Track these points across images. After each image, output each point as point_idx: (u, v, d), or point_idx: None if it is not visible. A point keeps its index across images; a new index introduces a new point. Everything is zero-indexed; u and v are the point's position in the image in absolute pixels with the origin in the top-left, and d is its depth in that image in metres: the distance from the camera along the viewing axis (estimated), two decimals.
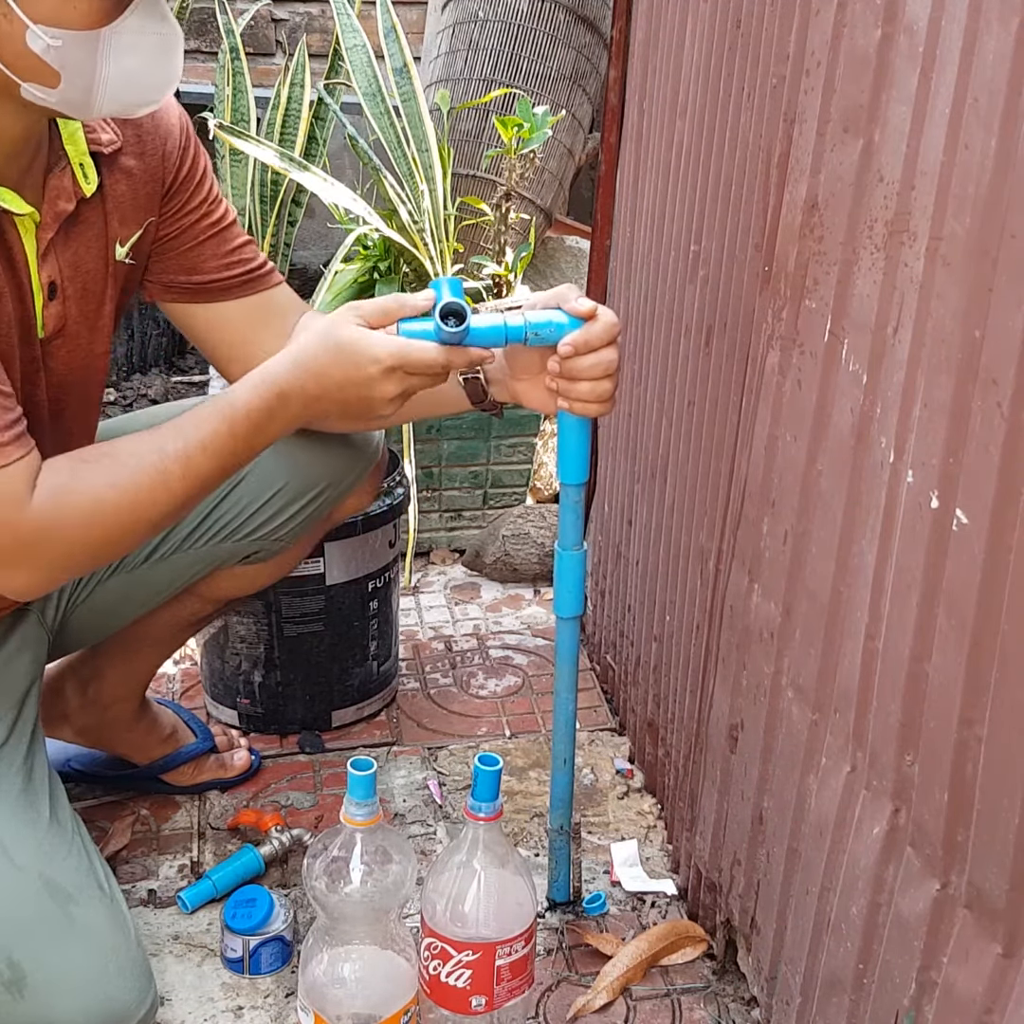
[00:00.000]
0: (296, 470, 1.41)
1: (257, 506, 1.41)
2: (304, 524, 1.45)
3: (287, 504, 1.42)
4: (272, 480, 1.40)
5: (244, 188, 2.66)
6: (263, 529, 1.43)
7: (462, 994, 1.25)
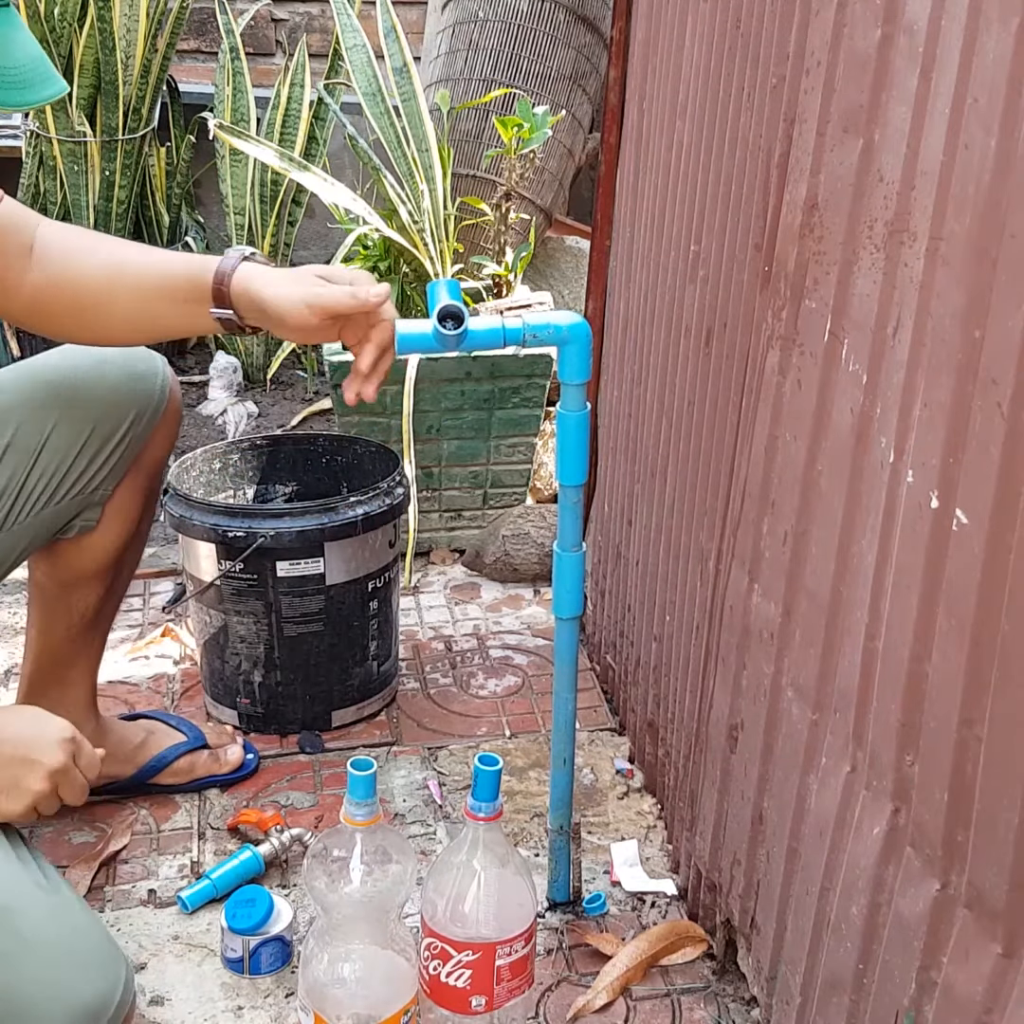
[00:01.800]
0: (98, 414, 1.40)
1: (71, 461, 1.40)
2: (119, 467, 1.44)
3: (99, 450, 1.41)
4: (78, 432, 1.39)
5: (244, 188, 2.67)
6: (81, 482, 1.42)
7: (462, 994, 1.25)
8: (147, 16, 2.70)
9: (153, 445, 1.49)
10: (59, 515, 1.44)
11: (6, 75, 1.09)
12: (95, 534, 1.48)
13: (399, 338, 1.24)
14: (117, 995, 1.13)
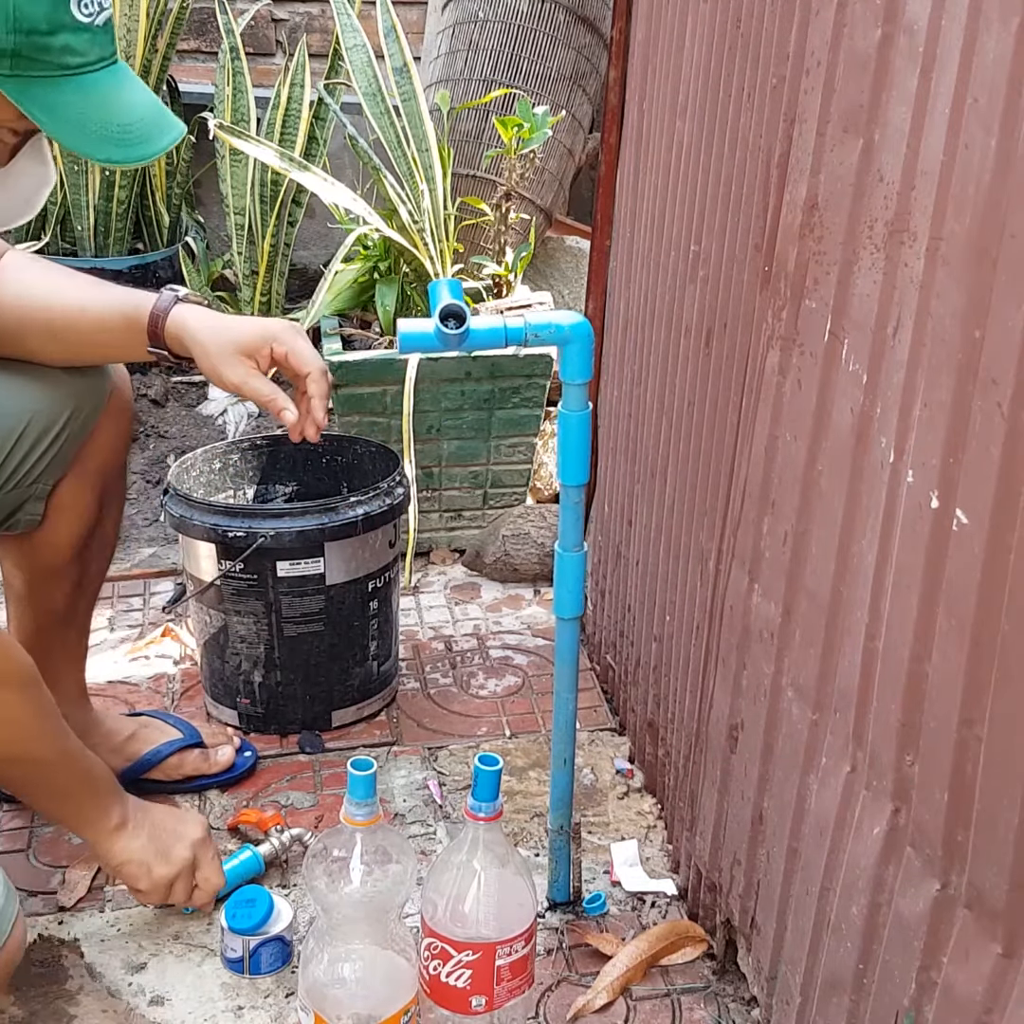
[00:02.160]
0: (36, 406, 1.40)
1: (6, 453, 1.40)
2: (57, 462, 1.43)
3: (36, 442, 1.41)
4: (15, 424, 1.39)
5: (244, 188, 2.67)
6: (17, 475, 1.41)
7: (462, 994, 1.25)
8: (147, 16, 2.70)
9: (99, 442, 1.48)
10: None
11: (127, 133, 1.10)
12: (45, 530, 1.48)
13: (401, 337, 1.24)
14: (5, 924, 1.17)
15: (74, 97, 1.06)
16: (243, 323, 1.41)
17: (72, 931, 1.45)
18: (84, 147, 1.08)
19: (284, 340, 1.39)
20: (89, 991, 1.36)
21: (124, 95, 1.11)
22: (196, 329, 1.38)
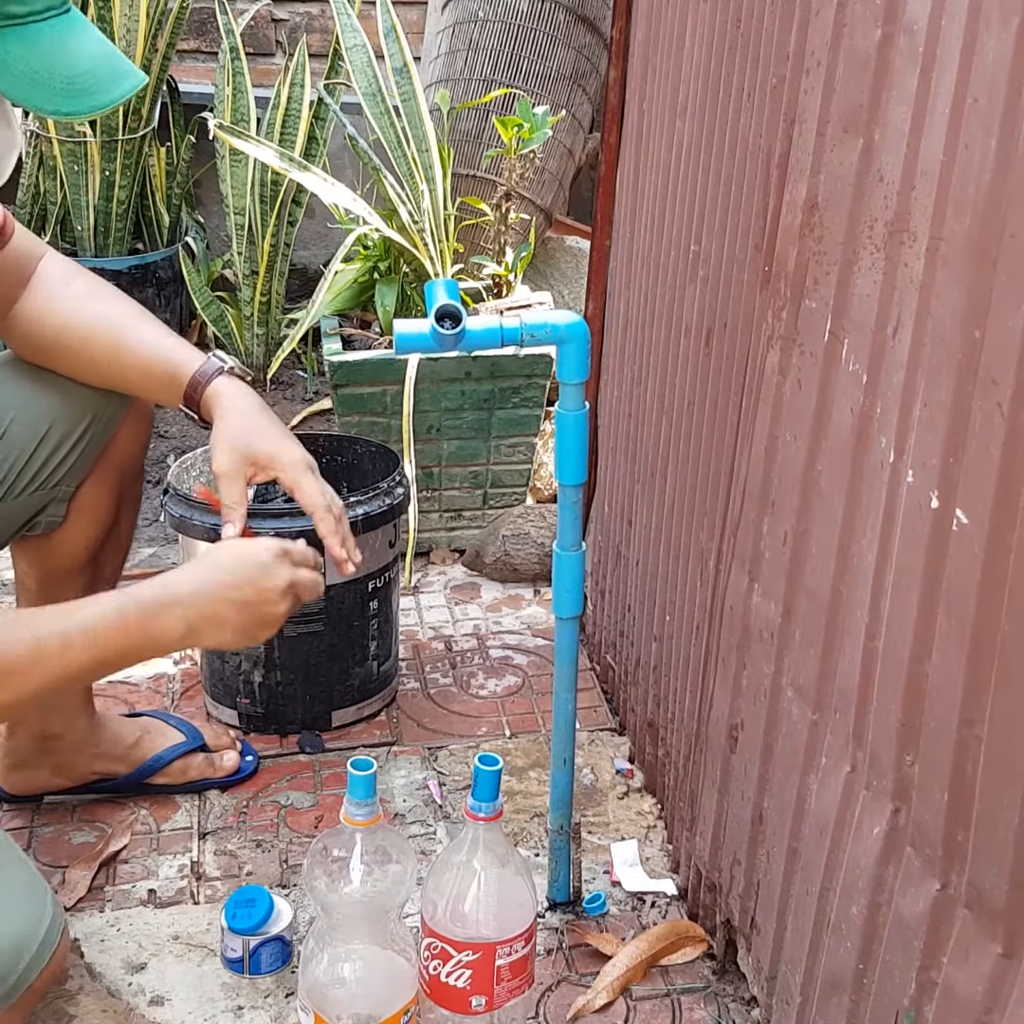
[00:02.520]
0: (59, 410, 1.41)
1: (29, 454, 1.40)
2: (80, 464, 1.44)
3: (58, 445, 1.41)
4: (38, 426, 1.40)
5: (244, 188, 2.66)
6: (40, 477, 1.41)
7: (462, 994, 1.25)
8: (147, 16, 2.70)
9: (120, 444, 1.49)
10: (19, 510, 1.43)
11: (76, 84, 1.06)
12: (64, 532, 1.48)
13: (397, 338, 1.24)
14: (40, 932, 1.13)
15: (19, 48, 1.03)
16: (266, 436, 1.37)
17: (72, 931, 1.45)
18: (32, 100, 1.05)
19: (291, 474, 1.36)
20: (89, 991, 1.36)
21: (73, 44, 1.07)
22: (228, 412, 1.38)
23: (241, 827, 1.62)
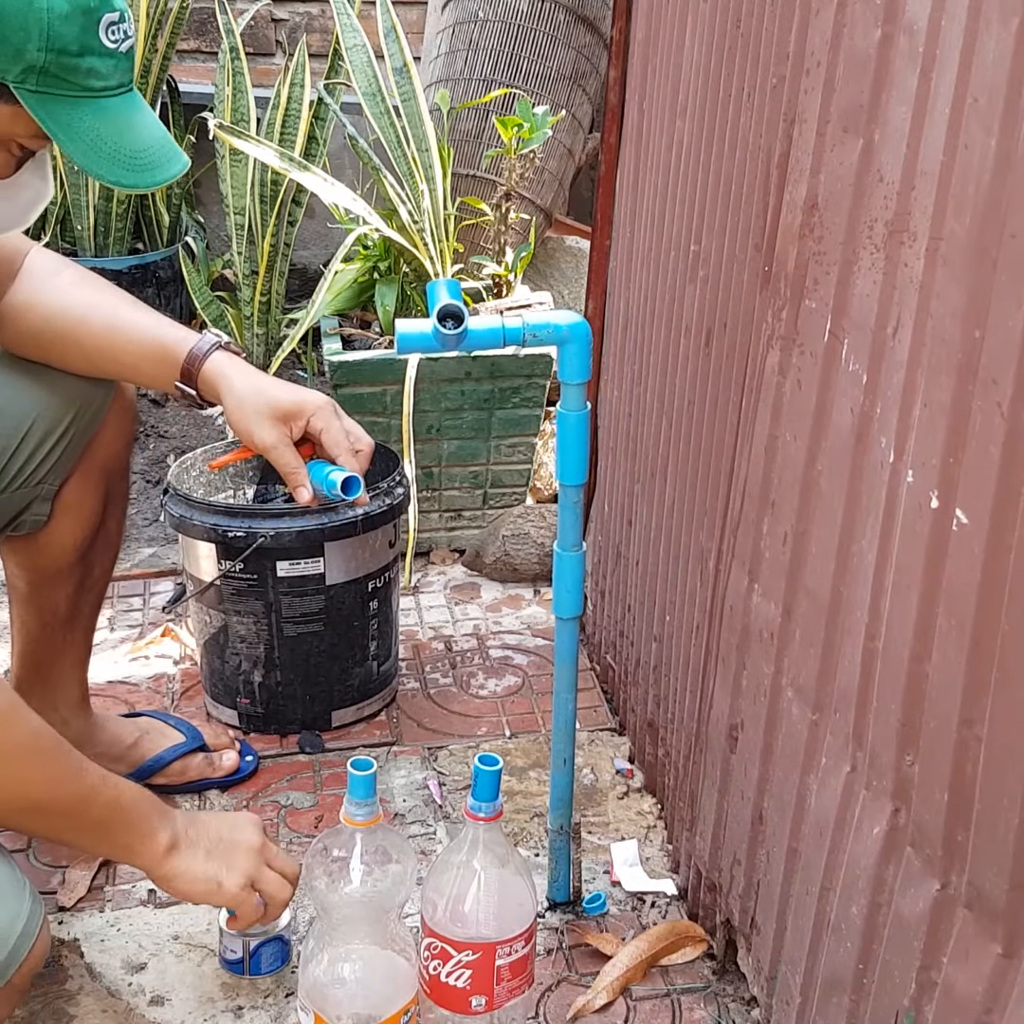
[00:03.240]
0: (41, 406, 1.41)
1: (11, 452, 1.40)
2: (63, 461, 1.44)
3: (41, 442, 1.41)
4: (19, 423, 1.40)
5: (244, 188, 2.66)
6: (23, 474, 1.41)
7: (462, 994, 1.25)
8: (147, 16, 2.70)
9: (103, 441, 1.49)
10: (2, 508, 1.43)
11: (137, 159, 1.12)
12: (50, 531, 1.48)
13: (399, 338, 1.24)
14: (18, 927, 1.12)
15: (92, 119, 1.09)
16: (281, 388, 1.42)
17: (72, 931, 1.45)
18: (96, 168, 1.10)
19: (322, 417, 1.42)
20: (89, 991, 1.37)
21: (137, 122, 1.14)
22: (234, 381, 1.40)
23: None
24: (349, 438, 1.45)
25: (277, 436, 1.40)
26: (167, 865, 1.24)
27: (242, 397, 1.39)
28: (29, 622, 1.55)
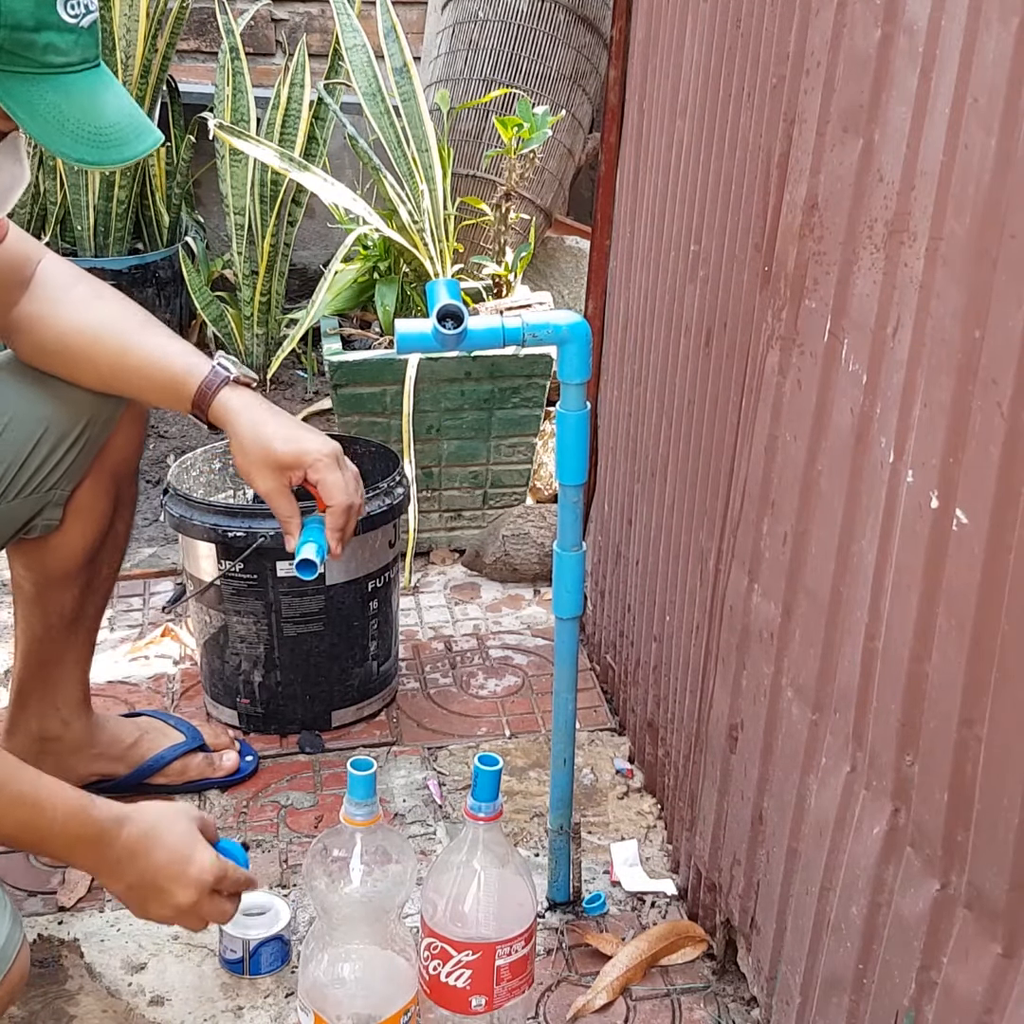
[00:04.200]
0: (54, 413, 1.41)
1: (24, 457, 1.40)
2: (75, 467, 1.44)
3: (54, 448, 1.41)
4: (33, 429, 1.40)
5: (244, 188, 2.66)
6: (35, 480, 1.42)
7: (462, 994, 1.25)
8: (147, 16, 2.70)
9: (116, 447, 1.49)
10: (15, 513, 1.43)
11: (102, 135, 1.10)
12: (61, 535, 1.47)
13: (399, 338, 1.24)
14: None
15: (53, 96, 1.06)
16: (283, 437, 1.39)
17: (72, 931, 1.45)
18: (59, 146, 1.08)
19: (318, 469, 1.39)
20: (89, 991, 1.36)
21: (103, 98, 1.11)
22: (238, 426, 1.39)
23: (241, 827, 1.62)
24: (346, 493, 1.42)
25: (273, 485, 1.39)
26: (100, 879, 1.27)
27: (244, 444, 1.39)
28: (33, 623, 1.55)
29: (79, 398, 1.42)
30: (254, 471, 1.39)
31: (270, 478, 1.39)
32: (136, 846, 1.22)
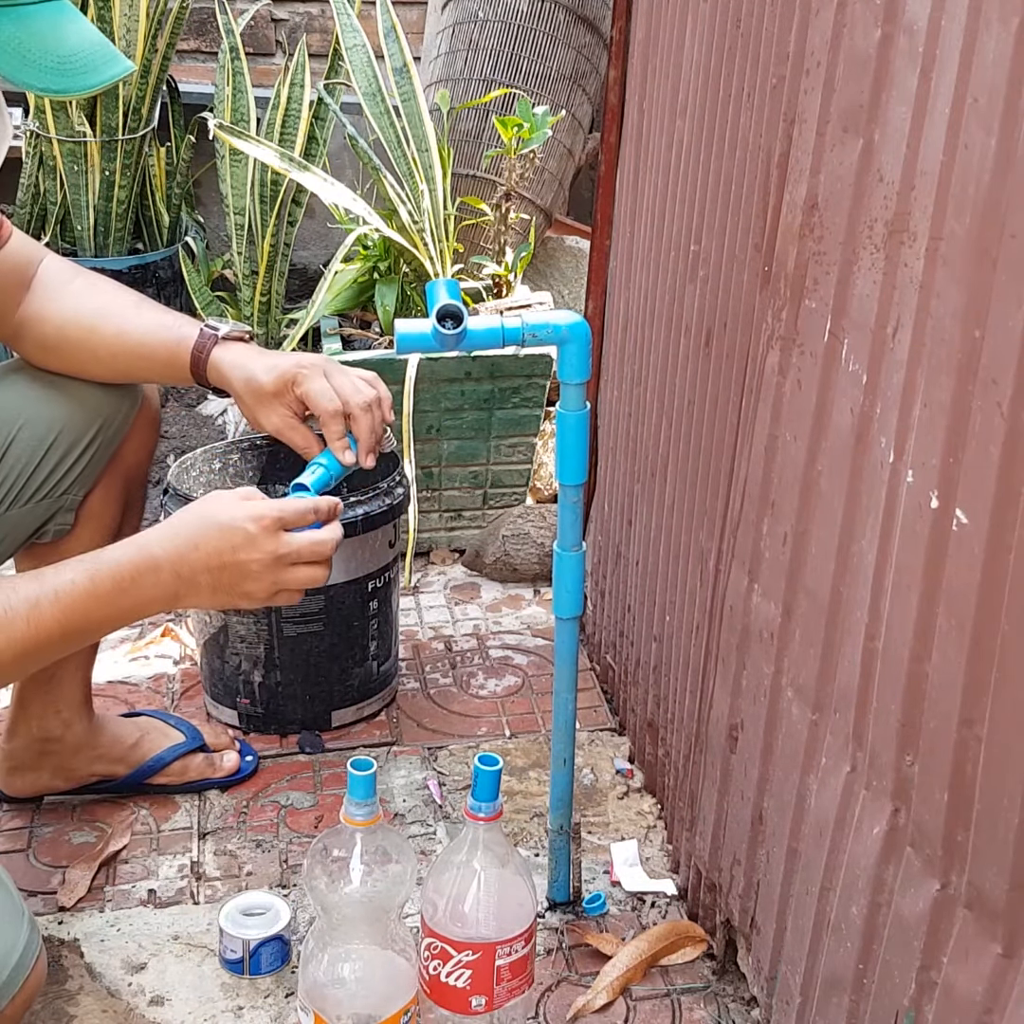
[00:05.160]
0: (67, 417, 1.41)
1: (37, 462, 1.40)
2: (88, 472, 1.44)
3: (66, 453, 1.41)
4: (46, 433, 1.40)
5: (244, 188, 2.66)
6: (48, 485, 1.41)
7: (462, 994, 1.25)
8: (147, 16, 2.70)
9: (127, 452, 1.49)
10: (27, 518, 1.43)
11: (67, 63, 1.10)
12: (72, 540, 1.47)
13: (399, 338, 1.24)
14: (13, 959, 1.08)
15: (13, 28, 1.07)
16: (267, 368, 1.37)
17: (72, 931, 1.45)
18: (23, 76, 1.08)
19: (299, 382, 1.36)
20: (89, 991, 1.36)
21: (66, 29, 1.11)
22: (231, 377, 1.39)
23: (241, 827, 1.62)
24: (338, 399, 1.36)
25: (278, 421, 1.38)
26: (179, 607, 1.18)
27: (239, 392, 1.39)
28: None
29: (92, 401, 1.42)
30: (256, 413, 1.38)
31: (272, 414, 1.38)
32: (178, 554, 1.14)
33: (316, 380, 1.36)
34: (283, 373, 1.36)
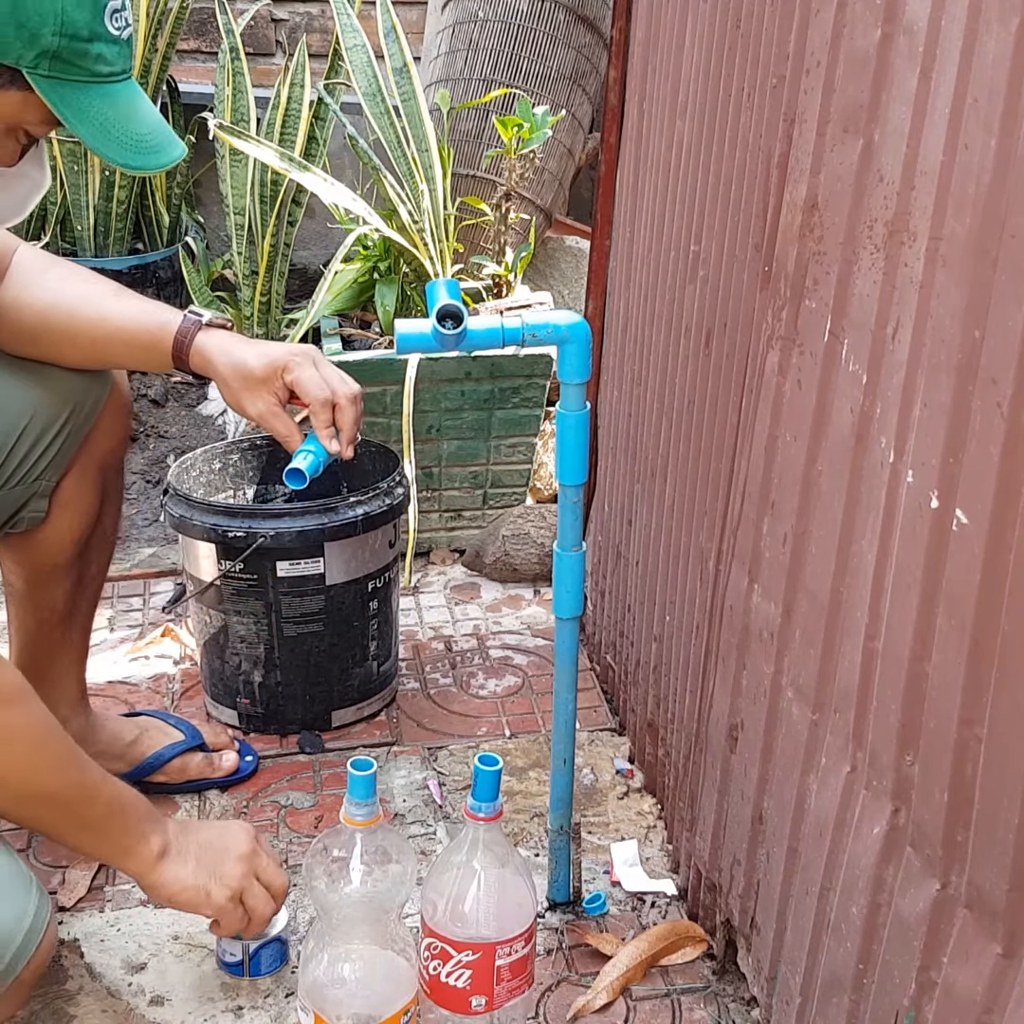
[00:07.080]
0: (38, 403, 1.41)
1: (9, 448, 1.40)
2: (60, 458, 1.44)
3: (38, 439, 1.42)
4: (17, 419, 1.40)
5: (244, 188, 2.66)
6: (21, 471, 1.42)
7: (462, 994, 1.25)
8: (147, 16, 2.70)
9: (99, 437, 1.49)
10: (1, 505, 1.43)
11: (142, 142, 1.16)
12: (48, 528, 1.48)
13: (399, 338, 1.24)
14: (25, 923, 1.13)
15: (100, 104, 1.12)
16: (256, 354, 1.41)
17: (72, 931, 1.45)
18: (106, 150, 1.14)
19: (290, 369, 1.40)
20: (89, 991, 1.37)
21: (139, 107, 1.17)
22: (216, 364, 1.40)
23: None
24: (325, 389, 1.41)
25: (263, 407, 1.40)
26: (157, 871, 1.25)
27: (225, 377, 1.40)
28: (27, 620, 1.55)
29: (62, 387, 1.43)
30: (241, 398, 1.40)
31: (257, 400, 1.40)
32: (181, 824, 1.30)
33: (307, 368, 1.40)
34: (274, 360, 1.39)
